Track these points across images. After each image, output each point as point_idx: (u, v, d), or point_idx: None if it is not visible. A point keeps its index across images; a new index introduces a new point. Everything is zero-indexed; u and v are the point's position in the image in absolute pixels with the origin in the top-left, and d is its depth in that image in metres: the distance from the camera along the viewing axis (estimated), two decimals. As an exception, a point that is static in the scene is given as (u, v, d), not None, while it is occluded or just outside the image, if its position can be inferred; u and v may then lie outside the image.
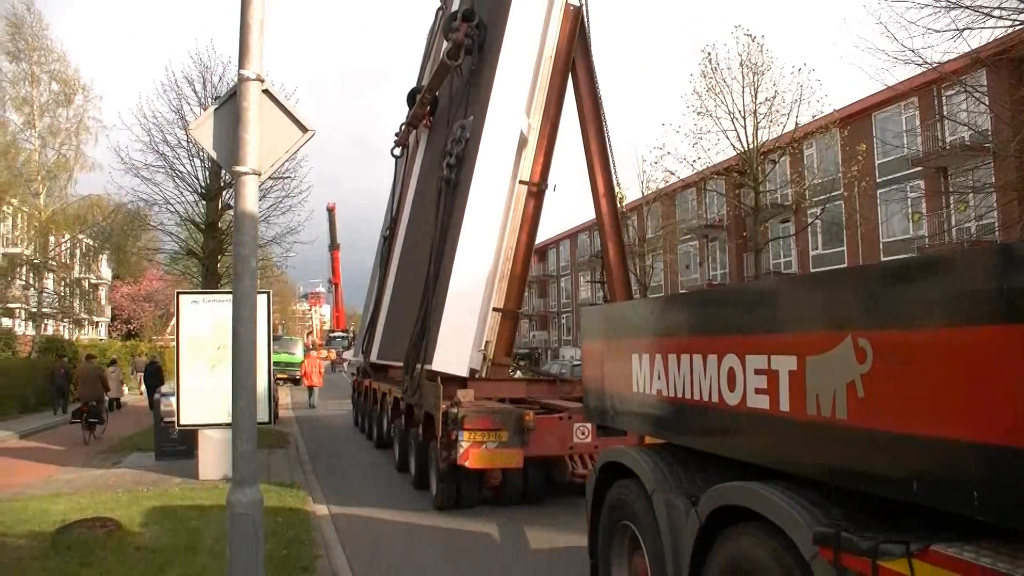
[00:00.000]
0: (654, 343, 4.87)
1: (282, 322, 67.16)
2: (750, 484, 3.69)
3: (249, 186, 4.54)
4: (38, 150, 31.89)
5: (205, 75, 21.78)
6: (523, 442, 8.80)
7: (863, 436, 3.06)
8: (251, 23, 4.50)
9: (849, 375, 3.12)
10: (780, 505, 3.40)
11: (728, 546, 3.85)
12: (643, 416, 5.10)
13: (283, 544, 7.25)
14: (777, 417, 3.59)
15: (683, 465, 4.59)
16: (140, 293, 45.94)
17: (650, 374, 4.88)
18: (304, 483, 10.88)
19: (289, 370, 34.66)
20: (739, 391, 3.89)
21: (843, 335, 3.15)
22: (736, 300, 4.41)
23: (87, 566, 6.63)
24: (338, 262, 66.63)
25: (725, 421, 4.05)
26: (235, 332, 4.52)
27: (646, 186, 37.79)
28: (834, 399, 3.20)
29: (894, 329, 2.92)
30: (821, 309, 3.40)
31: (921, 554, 2.69)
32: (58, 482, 11.30)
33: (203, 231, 21.91)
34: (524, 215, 10.48)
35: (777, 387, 3.58)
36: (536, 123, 10.65)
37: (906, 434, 2.84)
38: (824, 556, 3.10)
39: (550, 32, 10.75)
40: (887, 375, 2.93)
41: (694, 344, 4.37)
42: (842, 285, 3.46)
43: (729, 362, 3.98)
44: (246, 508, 4.44)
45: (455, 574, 7.19)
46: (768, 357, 3.66)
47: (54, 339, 31.21)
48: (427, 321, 10.30)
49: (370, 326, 17.13)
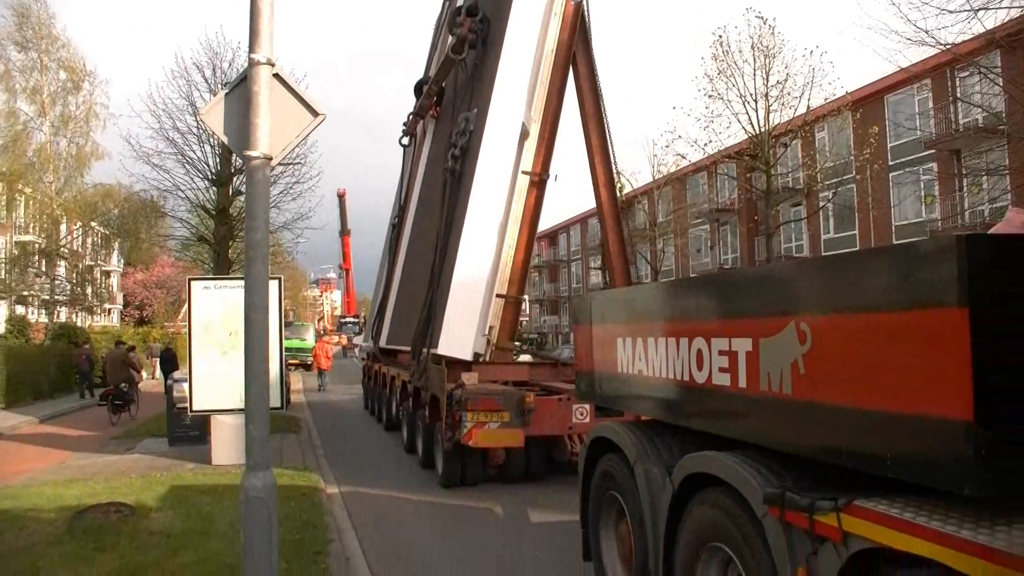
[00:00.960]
0: (635, 328, 5.35)
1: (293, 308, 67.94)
2: (713, 453, 4.18)
3: (260, 171, 4.59)
4: (50, 139, 32.61)
5: (215, 61, 22.00)
6: (524, 423, 9.35)
7: (804, 408, 3.54)
8: (261, 6, 4.54)
9: (793, 355, 3.59)
10: (737, 471, 3.89)
11: (696, 510, 4.36)
12: (627, 395, 5.58)
13: (296, 528, 7.43)
14: (736, 393, 4.07)
15: (661, 438, 5.08)
16: (152, 280, 46.47)
17: (632, 356, 5.36)
18: (316, 466, 11.26)
19: (301, 355, 35.14)
20: (706, 370, 4.36)
21: (788, 320, 3.62)
22: (703, 290, 4.91)
23: (102, 550, 6.77)
24: (348, 247, 67.28)
25: (695, 398, 4.53)
26: (247, 318, 4.56)
27: (657, 170, 38.07)
28: (781, 376, 3.67)
29: (827, 314, 3.40)
30: (770, 297, 3.88)
31: (846, 508, 3.17)
32: (72, 468, 11.57)
33: (214, 217, 22.24)
34: (526, 205, 10.99)
35: (736, 366, 4.05)
36: (537, 116, 11.11)
37: (836, 405, 3.32)
38: (772, 514, 3.59)
39: (551, 27, 11.18)
40: (822, 355, 3.40)
41: (669, 329, 4.85)
42: (787, 276, 3.95)
43: (698, 344, 4.46)
44: (260, 492, 4.50)
45: (459, 549, 7.67)
46: (729, 340, 4.13)
47: (67, 326, 31.78)
48: (433, 307, 10.85)
49: (379, 312, 17.71)
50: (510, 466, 10.10)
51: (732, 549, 4.02)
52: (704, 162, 32.86)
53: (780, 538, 3.55)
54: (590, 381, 6.31)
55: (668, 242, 44.83)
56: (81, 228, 36.16)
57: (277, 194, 22.49)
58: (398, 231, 17.04)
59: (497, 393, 9.54)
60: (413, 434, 12.40)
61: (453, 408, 9.44)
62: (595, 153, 11.40)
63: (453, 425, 9.45)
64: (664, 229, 43.87)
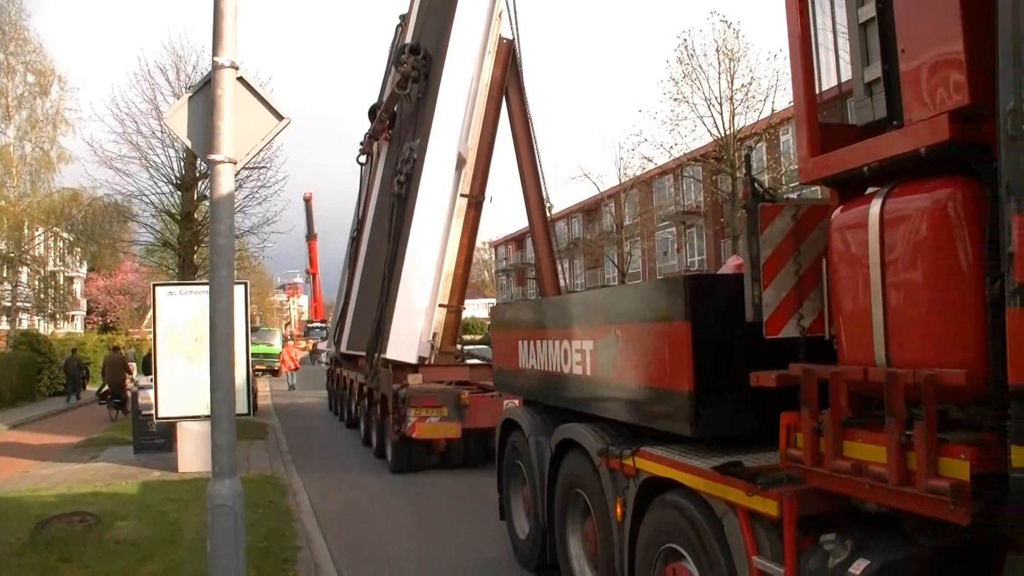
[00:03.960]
0: (528, 333, 7.10)
1: (259, 313, 68.66)
2: (572, 424, 5.93)
3: (225, 174, 4.67)
4: (12, 143, 31.91)
5: (179, 64, 22.30)
6: (461, 417, 11.16)
7: (618, 387, 5.28)
8: (224, 9, 4.61)
9: (614, 351, 5.33)
10: (584, 435, 5.64)
11: (564, 465, 6.12)
12: (525, 385, 7.33)
13: (264, 535, 7.62)
14: (585, 380, 5.81)
15: (545, 416, 6.82)
16: (115, 286, 47.02)
17: (527, 355, 7.10)
18: (284, 471, 11.80)
19: (268, 361, 36.25)
20: (569, 364, 6.10)
21: (611, 327, 5.37)
22: (566, 306, 6.72)
23: (66, 561, 6.80)
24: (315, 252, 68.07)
25: (564, 384, 6.26)
26: (213, 323, 4.65)
27: (624, 173, 39.64)
28: (608, 366, 5.42)
29: (627, 323, 5.15)
30: (602, 313, 5.64)
31: (637, 453, 4.91)
32: (36, 477, 11.63)
33: (178, 222, 22.50)
34: (465, 223, 12.81)
35: (585, 360, 5.80)
36: (474, 144, 12.92)
37: (631, 384, 5.07)
38: (603, 463, 5.34)
39: (485, 64, 12.96)
40: (626, 350, 5.15)
41: (547, 334, 6.60)
42: (610, 298, 5.75)
43: (563, 345, 6.20)
44: (226, 500, 4.57)
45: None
46: (582, 341, 5.88)
47: (29, 333, 31.82)
48: (383, 316, 12.60)
49: (340, 319, 19.46)
50: (451, 454, 11.88)
51: (585, 492, 5.80)
52: (670, 165, 33.82)
53: (608, 479, 5.31)
54: (502, 375, 8.07)
55: (635, 245, 46.43)
56: (43, 234, 36.05)
57: (242, 198, 22.58)
58: (356, 244, 18.77)
59: (436, 392, 11.33)
60: (368, 429, 14.19)
61: (399, 405, 11.20)
62: (526, 176, 13.23)
63: (399, 420, 11.24)
64: (631, 232, 45.52)
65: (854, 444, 3.31)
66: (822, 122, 3.87)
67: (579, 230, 57.34)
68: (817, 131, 3.82)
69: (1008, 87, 2.60)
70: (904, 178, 3.25)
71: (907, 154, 3.18)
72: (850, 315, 3.50)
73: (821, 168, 3.75)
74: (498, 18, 13.06)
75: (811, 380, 3.50)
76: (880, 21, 3.44)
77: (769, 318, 3.87)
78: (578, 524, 6.13)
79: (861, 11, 3.60)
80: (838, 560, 3.31)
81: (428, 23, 15.22)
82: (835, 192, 3.80)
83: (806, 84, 3.86)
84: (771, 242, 3.90)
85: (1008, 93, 2.60)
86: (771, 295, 3.88)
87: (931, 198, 3.06)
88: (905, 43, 3.24)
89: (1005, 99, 2.61)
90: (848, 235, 3.48)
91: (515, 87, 13.32)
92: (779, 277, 3.90)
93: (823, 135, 3.82)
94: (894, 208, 3.21)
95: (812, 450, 3.48)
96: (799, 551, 3.52)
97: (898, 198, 3.22)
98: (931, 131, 3.04)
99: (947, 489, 2.80)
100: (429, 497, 10.40)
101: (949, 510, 2.82)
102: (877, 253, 3.26)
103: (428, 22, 15.26)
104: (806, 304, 3.89)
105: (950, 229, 2.97)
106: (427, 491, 10.69)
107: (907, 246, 3.14)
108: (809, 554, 3.47)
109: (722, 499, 3.96)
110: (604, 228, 47.23)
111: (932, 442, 2.89)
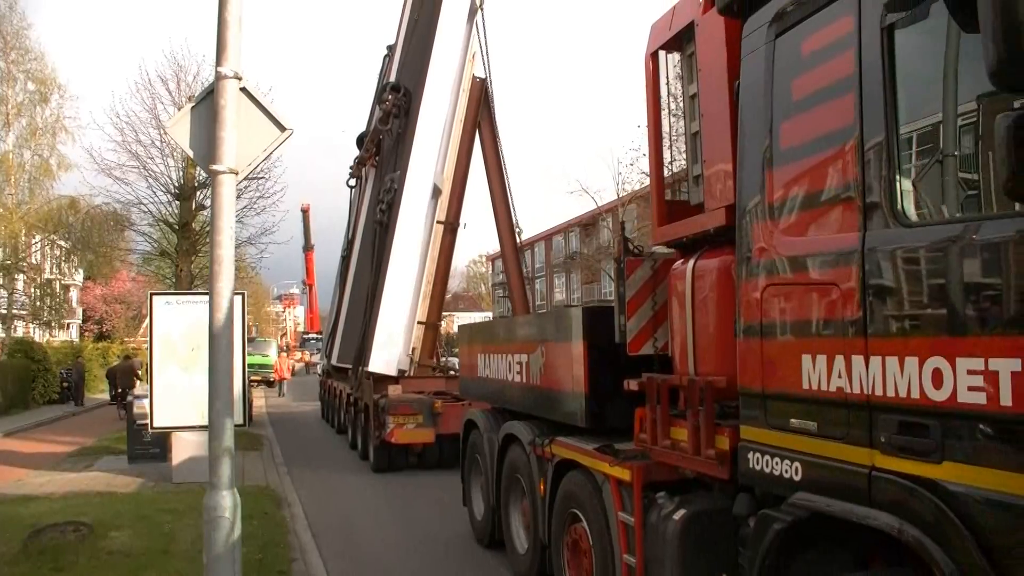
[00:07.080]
0: (484, 348, 8.73)
1: (255, 324, 69.61)
2: (513, 422, 7.56)
3: (226, 185, 4.74)
4: (12, 150, 32.07)
5: (179, 74, 23.00)
6: (435, 423, 12.90)
7: (543, 392, 6.90)
8: (229, 19, 4.67)
9: (540, 363, 6.95)
10: (520, 430, 7.28)
11: (507, 456, 7.76)
12: (483, 392, 8.95)
13: (259, 547, 7.77)
14: (522, 386, 7.42)
15: (496, 417, 8.45)
16: (112, 294, 47.07)
17: (484, 366, 8.73)
18: (279, 482, 12.21)
19: (263, 372, 36.71)
20: (513, 373, 7.72)
21: (538, 344, 6.99)
22: (510, 326, 8.41)
23: (59, 571, 6.90)
24: (312, 263, 69.29)
25: (509, 390, 7.88)
26: (212, 333, 4.70)
27: (622, 187, 40.94)
28: (537, 375, 7.03)
29: (548, 342, 6.78)
30: (534, 332, 7.28)
31: (553, 442, 6.53)
32: (29, 485, 11.81)
33: (176, 232, 23.03)
34: (441, 247, 14.58)
35: (522, 371, 7.42)
36: (449, 175, 14.69)
37: (549, 388, 6.68)
38: (533, 451, 6.96)
39: (460, 101, 14.70)
40: (548, 363, 6.77)
41: (497, 348, 8.23)
42: (539, 321, 7.40)
43: (508, 358, 7.84)
44: (222, 511, 4.61)
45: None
46: (520, 355, 7.50)
47: (24, 341, 31.89)
48: (366, 333, 14.28)
49: (331, 334, 21.13)
50: (426, 456, 13.57)
51: (522, 476, 7.42)
52: (668, 181, 35.19)
53: (535, 463, 6.94)
54: (466, 384, 9.71)
55: (632, 260, 47.56)
56: (40, 242, 35.93)
57: (241, 209, 22.95)
58: (346, 263, 20.48)
59: (413, 401, 13.01)
60: (355, 434, 15.99)
61: (379, 413, 12.91)
62: (497, 204, 14.96)
63: (380, 426, 12.97)
64: (629, 247, 46.74)
65: (676, 429, 4.92)
66: (668, 200, 5.52)
67: (576, 244, 58.84)
68: (664, 206, 5.47)
69: (740, 193, 4.24)
70: (707, 246, 4.89)
71: (706, 231, 4.82)
72: (677, 340, 5.12)
73: (665, 234, 5.40)
74: (471, 59, 14.84)
75: (652, 385, 5.12)
76: (702, 135, 5.10)
77: (631, 340, 5.49)
78: (518, 503, 7.77)
79: (692, 125, 5.27)
80: (666, 511, 4.91)
81: (408, 62, 17.05)
82: (678, 251, 5.44)
83: (657, 172, 5.53)
84: (634, 285, 5.52)
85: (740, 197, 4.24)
86: (633, 323, 5.50)
87: (716, 263, 4.70)
88: (706, 155, 4.89)
89: (739, 201, 4.25)
90: (677, 284, 5.11)
91: (487, 121, 15.06)
92: (640, 310, 5.53)
93: (669, 209, 5.47)
94: (699, 267, 4.85)
95: (652, 434, 5.09)
96: (645, 507, 5.12)
97: (701, 260, 4.85)
98: (716, 217, 4.69)
99: (715, 455, 4.42)
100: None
101: (718, 469, 4.43)
102: (690, 298, 4.89)
103: (408, 61, 17.08)
104: (659, 331, 5.52)
105: (724, 284, 4.59)
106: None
107: (703, 294, 4.77)
108: (648, 507, 5.08)
109: (601, 472, 5.58)
110: (602, 243, 48.12)
111: (709, 426, 4.50)
